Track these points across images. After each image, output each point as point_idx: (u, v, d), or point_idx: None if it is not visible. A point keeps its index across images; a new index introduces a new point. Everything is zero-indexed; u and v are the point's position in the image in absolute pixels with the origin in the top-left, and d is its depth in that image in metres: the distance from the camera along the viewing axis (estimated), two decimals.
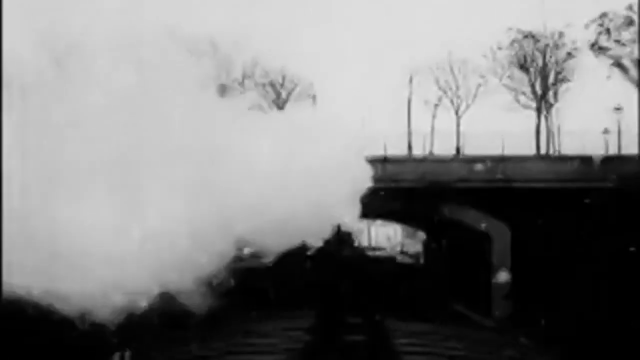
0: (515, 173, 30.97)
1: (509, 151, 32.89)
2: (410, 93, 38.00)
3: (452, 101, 41.06)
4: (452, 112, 40.69)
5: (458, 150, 33.03)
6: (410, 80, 38.24)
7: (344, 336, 8.45)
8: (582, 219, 28.76)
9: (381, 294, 15.55)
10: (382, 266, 30.11)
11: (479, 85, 40.21)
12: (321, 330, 8.84)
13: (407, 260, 53.03)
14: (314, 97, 41.39)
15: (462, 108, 40.68)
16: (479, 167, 31.01)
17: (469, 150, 33.77)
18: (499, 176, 30.85)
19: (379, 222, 76.06)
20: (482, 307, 28.48)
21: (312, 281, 17.51)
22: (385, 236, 78.74)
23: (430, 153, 34.14)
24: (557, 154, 35.80)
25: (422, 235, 66.19)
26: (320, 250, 16.06)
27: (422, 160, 31.88)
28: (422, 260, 51.03)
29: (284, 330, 9.30)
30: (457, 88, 40.68)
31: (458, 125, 40.03)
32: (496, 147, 32.89)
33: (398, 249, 68.62)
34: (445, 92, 40.81)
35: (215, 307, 9.11)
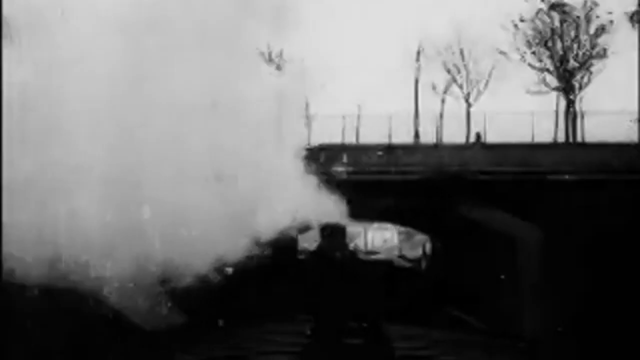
0: (548, 163, 25.24)
1: (530, 137, 27.39)
2: (418, 69, 32.38)
3: (461, 87, 35.63)
4: (465, 99, 35.41)
5: (478, 136, 27.19)
6: (418, 55, 32.63)
7: (342, 340, 8.84)
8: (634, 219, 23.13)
9: (377, 298, 15.00)
10: (377, 270, 27.95)
11: (492, 68, 34.70)
12: (319, 334, 9.55)
13: (406, 264, 49.30)
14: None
15: (474, 95, 35.31)
16: (503, 156, 25.27)
17: (490, 137, 28.06)
18: (528, 168, 25.11)
19: (375, 225, 72.07)
20: (504, 324, 23.37)
21: (308, 285, 16.78)
22: (382, 240, 75.97)
23: (439, 141, 28.33)
24: (590, 140, 29.96)
25: (422, 239, 62.25)
26: (312, 253, 17.22)
27: (435, 147, 26.07)
28: (424, 265, 47.10)
29: (283, 333, 9.99)
30: (468, 72, 35.37)
31: (468, 114, 34.59)
32: (516, 132, 27.39)
33: (396, 253, 64.98)
34: (454, 79, 35.46)
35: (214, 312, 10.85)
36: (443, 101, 34.89)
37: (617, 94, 30.96)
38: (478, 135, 26.85)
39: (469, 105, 35.44)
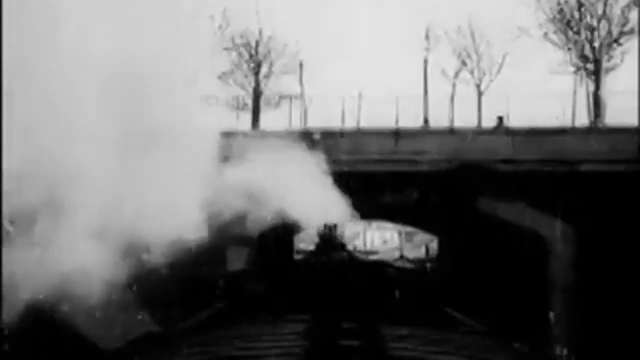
0: (580, 151, 21.66)
1: (553, 122, 23.83)
2: (427, 49, 28.78)
3: (472, 72, 32.20)
4: (476, 85, 31.94)
5: (501, 119, 23.48)
6: (427, 36, 29.08)
7: (338, 341, 8.22)
8: None
9: (375, 299, 14.54)
10: (376, 270, 26.42)
11: (506, 54, 31.28)
12: (315, 335, 8.59)
13: (407, 265, 47.11)
14: (300, 65, 32.10)
15: (486, 81, 31.89)
16: (530, 143, 21.69)
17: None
18: (559, 156, 21.54)
19: (374, 225, 70.14)
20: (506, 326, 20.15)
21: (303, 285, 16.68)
22: (382, 240, 74.78)
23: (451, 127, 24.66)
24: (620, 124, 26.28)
25: (423, 239, 59.96)
26: (309, 254, 19.39)
27: (450, 132, 22.43)
28: (429, 267, 44.77)
29: (279, 334, 8.97)
30: (479, 57, 31.95)
31: (479, 102, 31.10)
32: (539, 116, 23.80)
33: (397, 253, 63.06)
34: (465, 63, 32.12)
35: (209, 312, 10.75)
36: (454, 86, 31.32)
37: None
38: (500, 119, 23.24)
39: (480, 92, 32.02)
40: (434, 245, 48.70)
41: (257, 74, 31.00)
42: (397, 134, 21.63)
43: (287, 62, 31.75)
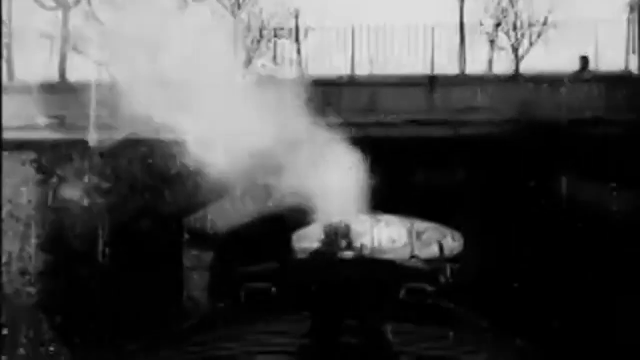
0: None
1: None
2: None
3: (507, 33, 25.88)
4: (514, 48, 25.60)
5: (585, 61, 15.88)
6: None
7: (339, 339, 7.93)
8: None
9: (380, 297, 12.01)
10: (382, 269, 21.71)
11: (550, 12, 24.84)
12: (317, 333, 8.26)
13: (418, 264, 41.35)
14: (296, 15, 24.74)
15: (524, 47, 25.68)
16: (628, 94, 14.63)
17: None
18: None
19: (383, 222, 66.39)
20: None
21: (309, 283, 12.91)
22: (390, 239, 69.83)
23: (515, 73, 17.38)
24: None
25: (433, 236, 55.69)
26: (314, 253, 14.21)
27: (513, 79, 15.28)
28: (448, 267, 39.31)
29: (280, 332, 8.61)
30: (517, 17, 25.78)
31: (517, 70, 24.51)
32: None
33: (407, 253, 58.04)
34: (499, 24, 25.99)
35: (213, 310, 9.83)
36: (492, 42, 24.74)
37: None
38: (585, 61, 15.82)
39: (517, 58, 25.54)
40: (449, 243, 45.44)
41: None
42: (433, 83, 14.56)
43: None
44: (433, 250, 56.70)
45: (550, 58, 15.64)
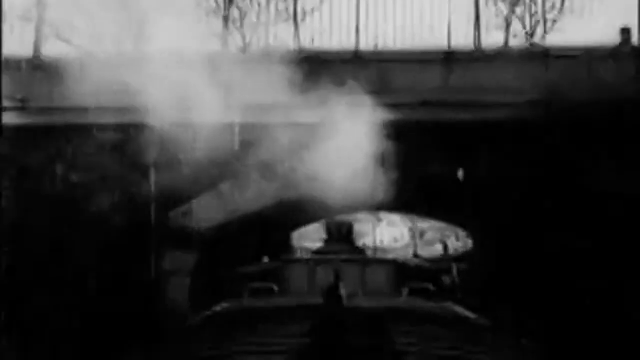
0: None
1: None
2: None
3: (522, 19, 24.15)
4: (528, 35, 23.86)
5: (628, 33, 14.05)
6: None
7: (342, 338, 8.10)
8: None
9: (382, 297, 13.27)
10: (384, 269, 20.50)
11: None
12: (320, 332, 8.34)
13: (422, 263, 40.68)
14: None
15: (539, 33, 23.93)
16: None
17: None
18: None
19: (385, 221, 66.80)
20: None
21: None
22: (392, 238, 69.94)
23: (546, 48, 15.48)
24: None
25: (435, 236, 55.60)
26: (316, 252, 15.87)
27: (544, 55, 13.41)
28: (455, 267, 38.44)
29: (285, 331, 8.67)
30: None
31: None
32: None
33: (410, 252, 57.68)
34: (513, 10, 24.23)
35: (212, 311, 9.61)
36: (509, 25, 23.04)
37: None
38: (627, 32, 13.87)
39: (532, 45, 23.84)
40: (453, 242, 44.89)
41: None
42: (450, 59, 12.71)
43: None
44: (436, 249, 56.17)
45: (583, 30, 13.75)
